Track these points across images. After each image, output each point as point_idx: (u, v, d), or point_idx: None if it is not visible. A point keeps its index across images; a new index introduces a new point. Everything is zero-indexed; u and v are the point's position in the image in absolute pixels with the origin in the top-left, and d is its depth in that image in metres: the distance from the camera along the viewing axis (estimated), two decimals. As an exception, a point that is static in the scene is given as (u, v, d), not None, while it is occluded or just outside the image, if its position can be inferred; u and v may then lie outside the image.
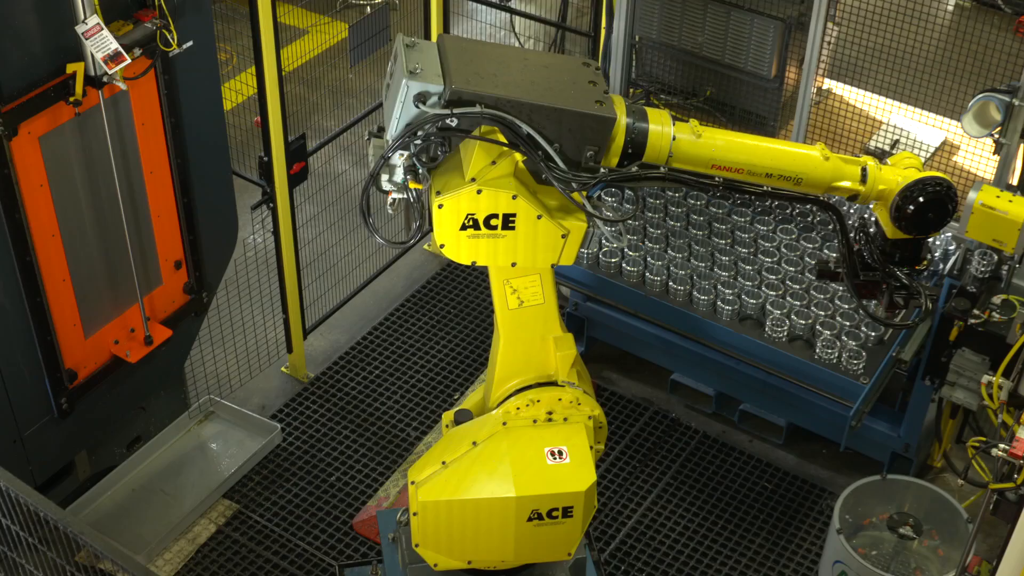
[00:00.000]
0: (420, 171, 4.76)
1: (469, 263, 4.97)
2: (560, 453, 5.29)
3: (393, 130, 4.73)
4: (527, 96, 4.70)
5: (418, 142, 4.73)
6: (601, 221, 4.94)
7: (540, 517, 5.31)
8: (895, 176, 5.21)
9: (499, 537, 5.38)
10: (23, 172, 6.01)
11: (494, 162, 4.83)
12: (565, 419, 5.38)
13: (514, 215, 4.85)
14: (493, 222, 4.86)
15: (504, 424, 5.36)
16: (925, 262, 5.49)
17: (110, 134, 6.36)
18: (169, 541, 7.30)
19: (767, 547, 7.39)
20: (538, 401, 5.31)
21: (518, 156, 4.84)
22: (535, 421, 5.33)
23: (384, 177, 4.79)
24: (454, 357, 8.56)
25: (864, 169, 5.17)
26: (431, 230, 4.91)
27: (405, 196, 4.81)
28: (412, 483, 5.35)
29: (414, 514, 5.37)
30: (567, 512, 5.28)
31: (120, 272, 6.78)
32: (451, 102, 4.66)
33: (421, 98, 4.65)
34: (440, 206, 4.81)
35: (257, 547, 7.31)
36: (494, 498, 5.25)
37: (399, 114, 4.69)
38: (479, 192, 4.78)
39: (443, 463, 5.35)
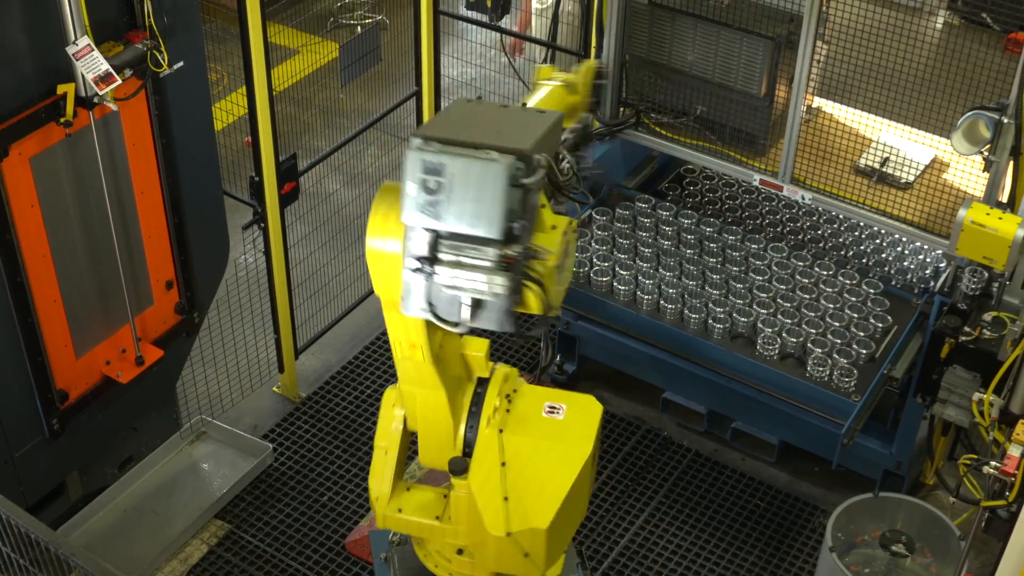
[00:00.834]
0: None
1: None
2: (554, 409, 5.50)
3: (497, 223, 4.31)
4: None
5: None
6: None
7: None
8: None
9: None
10: (14, 192, 6.01)
11: None
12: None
13: None
14: None
15: (500, 431, 5.38)
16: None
17: (101, 155, 6.36)
18: (161, 562, 7.29)
19: (760, 565, 7.39)
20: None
21: None
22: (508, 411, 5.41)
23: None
24: (446, 376, 8.55)
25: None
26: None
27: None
28: (508, 534, 5.24)
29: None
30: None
31: (111, 292, 6.77)
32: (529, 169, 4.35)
33: (515, 179, 4.30)
34: None
35: (249, 567, 7.29)
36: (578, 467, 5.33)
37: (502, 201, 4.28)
38: None
39: (505, 499, 5.27)
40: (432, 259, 4.36)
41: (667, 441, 8.13)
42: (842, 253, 7.95)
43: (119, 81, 6.04)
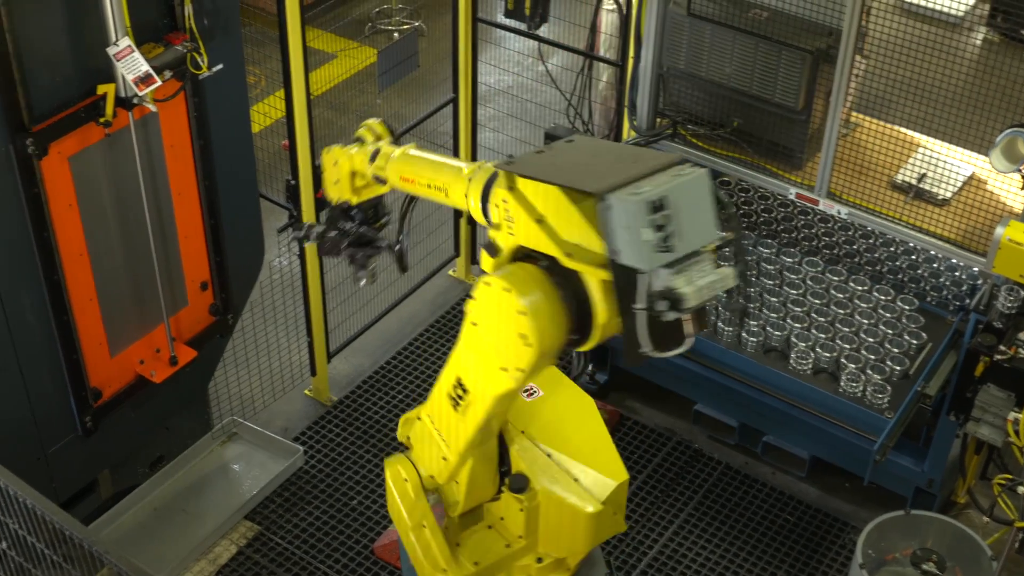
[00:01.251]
0: None
1: None
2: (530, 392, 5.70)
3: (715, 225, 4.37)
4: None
5: None
6: None
7: None
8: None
9: None
10: (52, 192, 6.05)
11: None
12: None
13: None
14: None
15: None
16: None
17: (139, 155, 6.39)
18: (190, 561, 7.31)
19: (788, 580, 7.37)
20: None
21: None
22: None
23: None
24: (477, 383, 8.56)
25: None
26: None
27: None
28: (603, 503, 5.51)
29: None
30: None
31: (146, 293, 6.80)
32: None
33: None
34: None
35: (278, 569, 7.31)
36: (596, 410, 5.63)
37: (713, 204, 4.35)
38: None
39: (575, 480, 5.59)
40: (672, 292, 4.27)
41: (698, 453, 8.11)
42: (877, 268, 7.92)
43: (159, 82, 6.08)
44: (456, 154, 9.07)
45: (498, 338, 4.76)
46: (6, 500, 3.78)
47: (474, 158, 9.15)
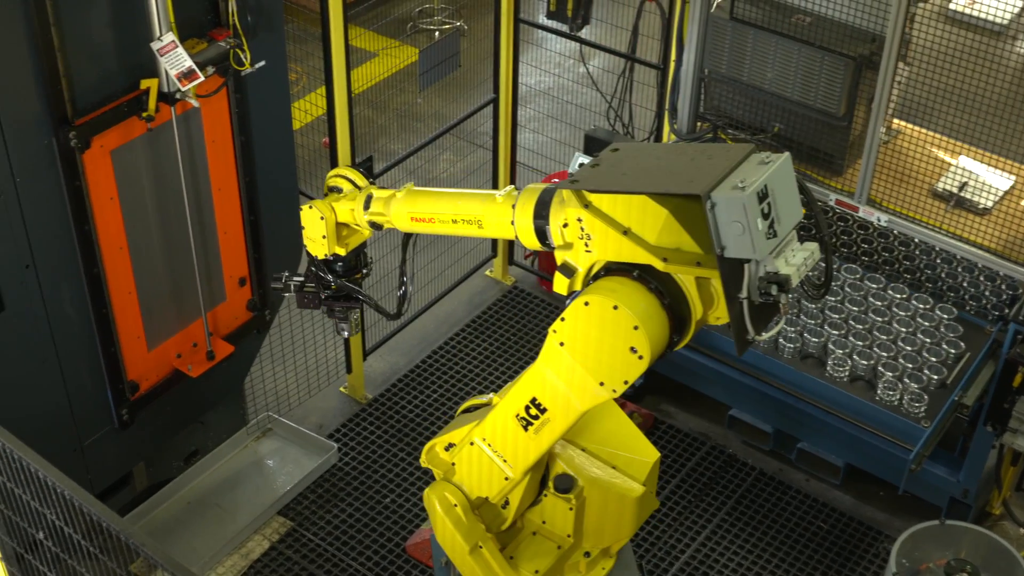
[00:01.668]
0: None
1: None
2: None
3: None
4: None
5: None
6: None
7: None
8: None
9: None
10: (94, 185, 6.09)
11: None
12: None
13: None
14: None
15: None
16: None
17: (180, 150, 6.43)
18: (222, 556, 7.35)
19: (820, 588, 7.35)
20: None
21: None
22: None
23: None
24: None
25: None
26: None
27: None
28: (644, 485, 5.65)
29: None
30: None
31: (185, 287, 6.84)
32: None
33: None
34: None
35: (309, 565, 7.33)
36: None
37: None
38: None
39: (613, 467, 5.69)
40: (776, 275, 4.43)
41: (731, 459, 8.09)
42: (916, 276, 7.89)
43: (201, 78, 6.12)
44: (496, 154, 9.08)
45: (599, 354, 4.79)
46: (44, 490, 3.81)
47: (513, 158, 9.15)
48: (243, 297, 7.24)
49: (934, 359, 7.33)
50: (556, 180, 8.07)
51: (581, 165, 8.30)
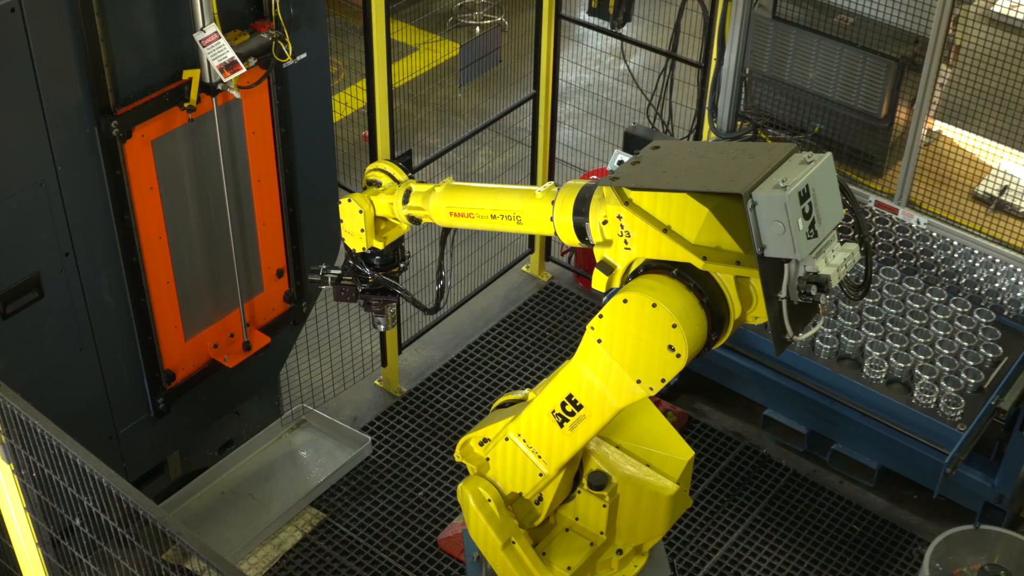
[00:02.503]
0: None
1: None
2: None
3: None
4: None
5: None
6: None
7: None
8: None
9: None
10: (135, 174, 6.12)
11: None
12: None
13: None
14: None
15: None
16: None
17: (221, 141, 6.46)
18: (255, 546, 7.38)
19: (853, 590, 7.33)
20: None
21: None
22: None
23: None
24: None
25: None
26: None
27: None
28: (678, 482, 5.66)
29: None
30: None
31: (223, 278, 6.87)
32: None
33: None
34: None
35: (341, 557, 7.36)
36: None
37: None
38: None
39: (647, 465, 5.70)
40: (816, 276, 4.44)
41: (765, 459, 8.07)
42: (955, 280, 7.85)
43: (243, 69, 6.13)
44: (535, 150, 9.08)
45: (637, 352, 4.79)
46: (81, 477, 3.83)
47: (552, 155, 9.15)
48: (280, 288, 7.27)
49: (971, 363, 7.29)
50: (595, 177, 8.07)
51: (620, 162, 8.32)
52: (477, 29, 12.16)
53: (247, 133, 6.65)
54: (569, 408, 5.16)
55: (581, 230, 5.01)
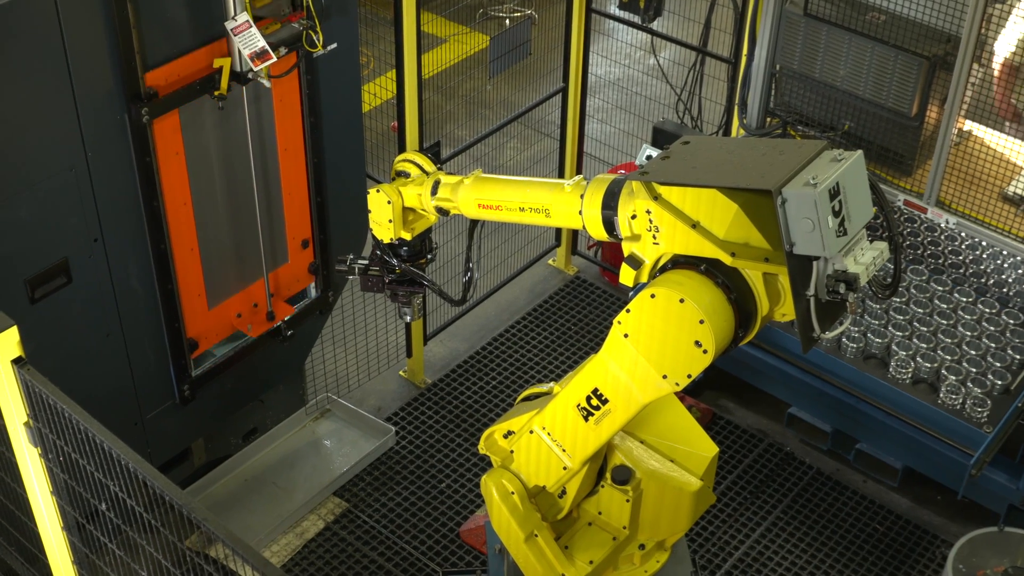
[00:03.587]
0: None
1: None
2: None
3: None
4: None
5: None
6: None
7: None
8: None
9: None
10: (161, 146, 6.15)
11: None
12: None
13: None
14: None
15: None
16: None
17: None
18: (277, 534, 7.41)
19: (875, 590, 7.32)
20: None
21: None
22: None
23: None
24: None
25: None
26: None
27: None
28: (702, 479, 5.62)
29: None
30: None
31: (247, 246, 6.85)
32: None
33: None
34: None
35: (363, 547, 7.38)
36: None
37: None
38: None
39: (672, 460, 5.64)
40: (845, 274, 4.43)
41: (789, 456, 8.06)
42: (983, 281, 7.82)
43: (274, 59, 6.15)
44: (563, 144, 9.08)
45: (664, 347, 4.77)
46: (108, 462, 3.86)
47: (580, 148, 9.15)
48: (305, 259, 7.23)
49: (999, 364, 7.26)
50: (623, 171, 8.06)
51: (648, 157, 8.32)
52: (507, 22, 12.16)
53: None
54: (594, 402, 5.15)
55: (609, 224, 5.01)
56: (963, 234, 7.83)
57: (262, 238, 6.88)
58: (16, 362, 3.94)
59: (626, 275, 4.94)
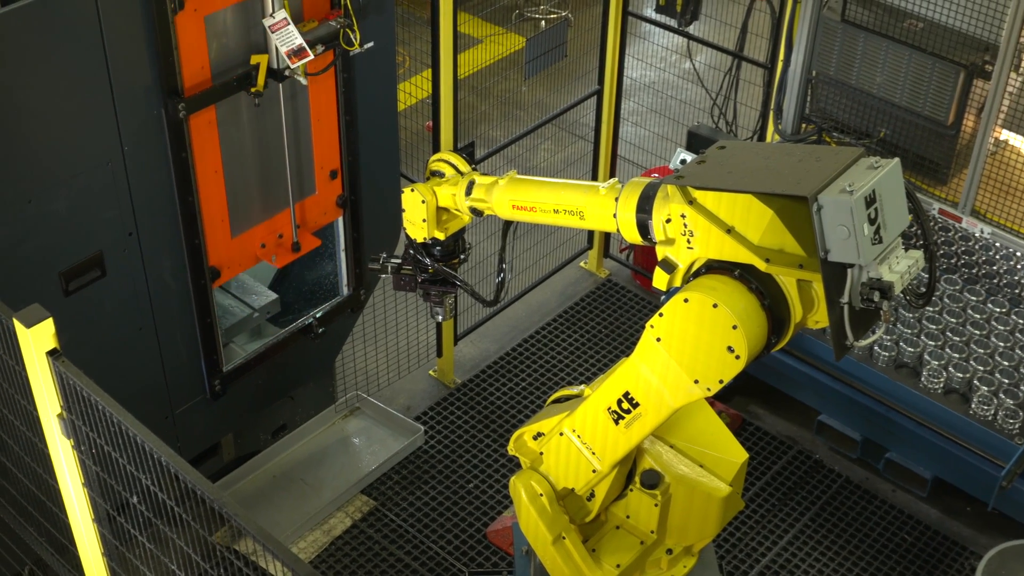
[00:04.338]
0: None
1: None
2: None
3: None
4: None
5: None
6: None
7: None
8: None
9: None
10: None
11: None
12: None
13: None
14: None
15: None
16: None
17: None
18: (305, 530, 7.43)
19: (902, 600, 7.29)
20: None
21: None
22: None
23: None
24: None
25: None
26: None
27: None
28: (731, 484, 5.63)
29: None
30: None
31: (274, 174, 6.73)
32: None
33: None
34: None
35: (390, 545, 7.40)
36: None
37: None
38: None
39: (701, 465, 5.67)
40: (879, 282, 4.45)
41: (818, 464, 8.04)
42: (1017, 291, 7.79)
43: (311, 56, 6.17)
44: (597, 146, 9.09)
45: (696, 352, 4.79)
46: (140, 455, 3.88)
47: (614, 151, 9.15)
48: (333, 191, 7.10)
49: (1032, 375, 7.25)
50: (656, 175, 8.06)
51: (683, 161, 8.32)
52: (543, 23, 12.17)
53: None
54: (625, 406, 5.16)
55: (644, 228, 5.02)
56: (998, 244, 7.80)
57: (289, 165, 6.72)
58: (51, 354, 3.97)
59: (659, 279, 4.95)
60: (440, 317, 6.48)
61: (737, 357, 4.68)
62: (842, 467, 8.03)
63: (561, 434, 5.53)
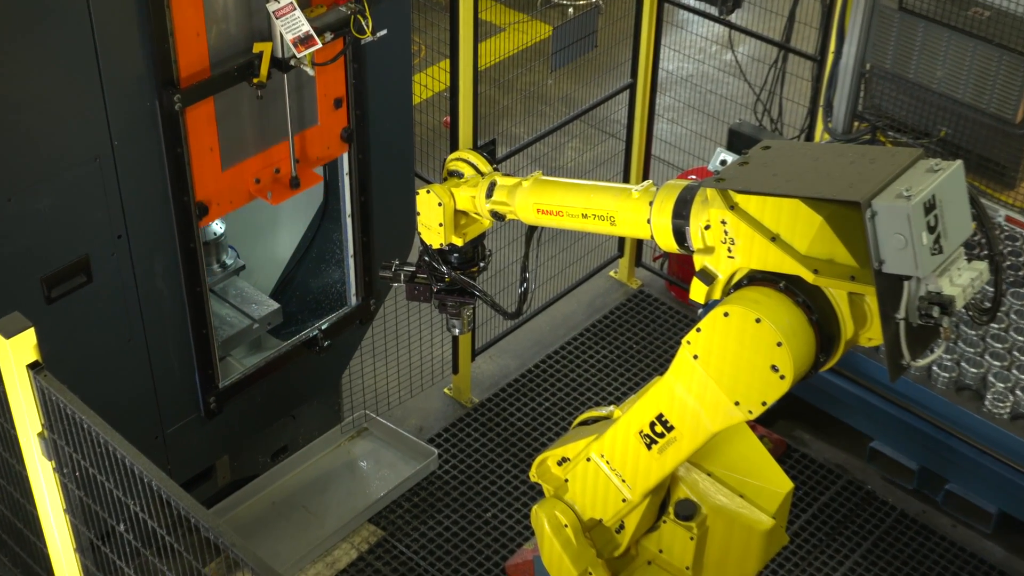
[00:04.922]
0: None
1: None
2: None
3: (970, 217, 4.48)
4: None
5: None
6: None
7: None
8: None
9: None
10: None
11: None
12: None
13: None
14: None
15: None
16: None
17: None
18: (306, 563, 7.43)
19: (962, 646, 7.25)
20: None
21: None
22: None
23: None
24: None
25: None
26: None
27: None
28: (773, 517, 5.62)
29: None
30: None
31: (270, 98, 6.48)
32: None
33: None
34: None
35: (400, 580, 7.40)
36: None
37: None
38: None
39: (741, 496, 5.66)
40: (939, 296, 4.40)
41: (870, 495, 8.01)
42: (1090, 307, 7.76)
43: (319, 44, 6.16)
44: (629, 145, 9.07)
45: (737, 371, 4.77)
46: (128, 478, 3.86)
47: (648, 150, 9.14)
48: (338, 123, 6.91)
49: (1106, 401, 7.20)
50: (693, 177, 8.04)
51: (723, 162, 8.30)
52: (571, 11, 12.16)
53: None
54: (659, 429, 5.14)
55: (680, 235, 4.99)
56: (1070, 255, 7.77)
57: (288, 90, 6.50)
58: (32, 367, 3.95)
59: (697, 291, 4.92)
60: (457, 330, 6.46)
61: (782, 377, 4.65)
62: (897, 499, 7.99)
63: (588, 459, 5.50)
